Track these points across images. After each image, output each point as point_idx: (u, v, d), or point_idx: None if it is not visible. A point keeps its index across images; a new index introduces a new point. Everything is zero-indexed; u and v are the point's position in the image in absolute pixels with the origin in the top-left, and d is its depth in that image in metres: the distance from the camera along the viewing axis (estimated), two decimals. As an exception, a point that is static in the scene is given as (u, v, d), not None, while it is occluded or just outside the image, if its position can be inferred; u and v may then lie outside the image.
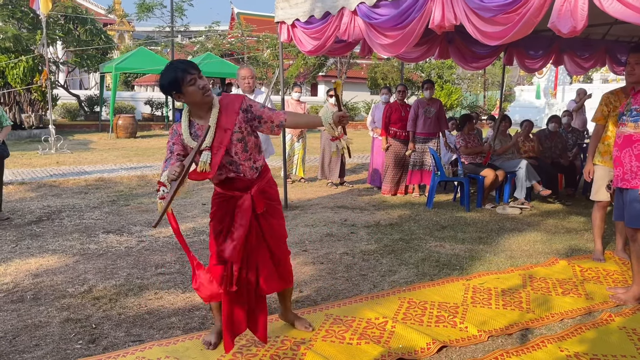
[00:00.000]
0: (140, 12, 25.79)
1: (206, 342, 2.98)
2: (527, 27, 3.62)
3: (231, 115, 2.68)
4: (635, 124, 3.61)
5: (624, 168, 3.66)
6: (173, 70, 2.57)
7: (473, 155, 7.22)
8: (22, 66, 14.34)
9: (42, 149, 11.29)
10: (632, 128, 3.63)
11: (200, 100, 2.62)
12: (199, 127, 2.69)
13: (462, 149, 7.24)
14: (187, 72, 2.55)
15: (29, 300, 3.58)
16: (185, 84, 2.56)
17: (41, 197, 6.87)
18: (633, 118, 3.63)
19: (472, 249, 5.00)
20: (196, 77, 2.57)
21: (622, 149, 3.68)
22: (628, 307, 3.66)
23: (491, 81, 29.17)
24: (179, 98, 2.63)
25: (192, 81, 2.57)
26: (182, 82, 2.56)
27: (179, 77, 2.55)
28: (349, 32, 5.25)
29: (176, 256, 4.58)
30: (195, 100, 2.62)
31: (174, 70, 2.57)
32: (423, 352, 2.93)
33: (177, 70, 2.56)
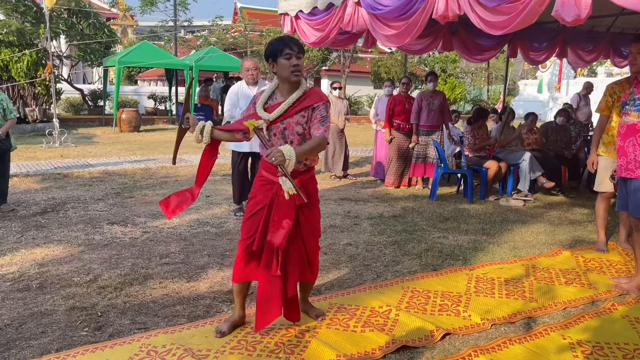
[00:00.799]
0: (143, 6, 25.78)
1: (219, 330, 2.99)
2: (531, 17, 3.62)
3: (306, 107, 2.82)
4: (639, 113, 3.60)
5: (627, 158, 3.65)
6: (278, 41, 2.81)
7: (479, 149, 7.20)
8: (26, 60, 14.36)
9: (46, 142, 11.33)
10: (635, 117, 3.62)
11: (287, 76, 2.78)
12: (276, 103, 2.85)
13: (469, 145, 7.21)
14: (287, 47, 2.75)
15: (34, 289, 3.61)
16: (281, 55, 2.76)
17: (46, 189, 6.91)
18: (636, 107, 3.62)
19: (475, 240, 5.01)
20: (293, 55, 2.75)
21: (625, 138, 3.68)
22: (631, 297, 3.66)
23: (495, 75, 29.08)
24: (273, 67, 2.80)
25: (288, 56, 2.75)
26: (280, 53, 2.76)
27: (278, 48, 2.76)
28: (353, 23, 5.25)
29: (180, 246, 4.60)
30: (283, 74, 2.78)
31: (279, 41, 2.80)
32: (427, 339, 2.95)
33: (280, 43, 2.78)
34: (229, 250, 4.54)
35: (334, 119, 7.98)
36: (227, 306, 3.39)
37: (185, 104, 2.91)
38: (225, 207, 6.09)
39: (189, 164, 9.19)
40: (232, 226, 5.31)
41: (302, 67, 2.81)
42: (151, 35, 27.96)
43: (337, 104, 8.08)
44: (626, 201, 3.75)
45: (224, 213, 5.85)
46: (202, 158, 2.94)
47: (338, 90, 8.30)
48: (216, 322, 3.12)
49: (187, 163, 9.36)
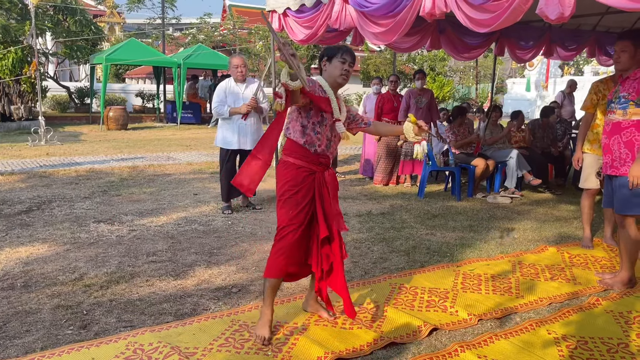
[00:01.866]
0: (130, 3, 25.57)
1: (260, 337, 2.86)
2: (516, 14, 3.64)
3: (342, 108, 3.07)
4: (624, 111, 3.64)
5: (612, 155, 3.69)
6: (340, 46, 3.00)
7: (464, 146, 7.24)
8: (11, 57, 14.18)
9: (31, 140, 11.20)
10: (620, 115, 3.66)
11: (336, 76, 2.93)
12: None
13: (452, 142, 7.26)
14: (346, 53, 2.94)
15: (19, 288, 3.57)
16: (338, 57, 2.92)
17: (31, 188, 6.83)
18: (621, 105, 3.66)
19: (462, 236, 5.04)
20: (348, 62, 2.92)
21: (610, 136, 3.72)
22: (615, 292, 3.71)
23: (483, 74, 29.24)
24: (324, 66, 2.96)
25: (343, 60, 2.92)
26: (337, 54, 2.93)
27: (337, 50, 2.95)
28: (341, 20, 5.25)
29: (167, 244, 4.58)
30: (333, 73, 2.94)
31: (341, 46, 3.00)
32: (415, 334, 2.97)
33: (342, 47, 2.98)
34: (216, 248, 4.53)
35: None
36: (214, 304, 3.38)
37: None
38: (213, 205, 6.07)
39: (176, 162, 9.14)
40: (220, 224, 5.30)
41: (350, 74, 2.98)
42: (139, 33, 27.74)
43: None
44: (611, 198, 3.79)
45: (212, 211, 5.83)
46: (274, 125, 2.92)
47: None
48: (203, 319, 3.12)
49: (174, 161, 9.31)
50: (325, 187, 2.96)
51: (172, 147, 11.46)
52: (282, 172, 2.94)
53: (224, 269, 4.02)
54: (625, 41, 3.67)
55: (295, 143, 2.91)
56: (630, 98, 3.60)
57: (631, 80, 3.65)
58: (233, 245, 4.61)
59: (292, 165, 2.91)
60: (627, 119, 3.62)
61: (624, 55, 3.68)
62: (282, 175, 2.93)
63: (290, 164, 2.92)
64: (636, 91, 3.58)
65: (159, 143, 12.26)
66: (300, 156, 2.90)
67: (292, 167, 2.91)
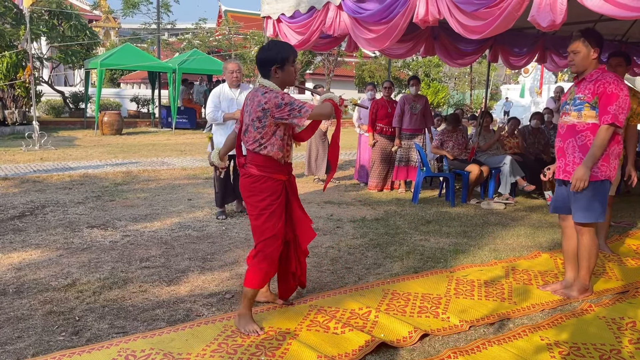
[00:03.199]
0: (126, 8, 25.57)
1: (253, 330, 3.02)
2: (508, 22, 3.67)
3: None
4: (579, 113, 3.52)
5: (566, 159, 3.59)
6: (287, 47, 2.96)
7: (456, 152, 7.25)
8: (5, 62, 14.15)
9: (25, 145, 11.16)
10: (575, 117, 3.54)
11: (291, 82, 2.99)
12: None
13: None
14: (295, 54, 2.93)
15: (11, 294, 3.55)
16: (291, 62, 2.95)
17: (24, 193, 6.80)
18: (576, 107, 3.53)
19: (456, 242, 5.05)
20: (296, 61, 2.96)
21: (565, 139, 3.60)
22: (607, 298, 3.72)
23: (478, 80, 29.43)
24: (276, 73, 2.96)
25: (294, 62, 2.95)
26: (290, 60, 2.94)
27: (290, 55, 2.94)
28: (335, 26, 5.28)
29: (161, 250, 4.57)
30: (289, 79, 2.98)
31: (288, 48, 2.96)
32: (405, 340, 2.97)
33: (290, 49, 2.95)
34: (210, 253, 4.52)
35: None
36: (207, 309, 3.37)
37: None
38: (207, 211, 6.06)
39: (170, 167, 9.13)
40: (213, 230, 5.29)
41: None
42: (134, 38, 27.74)
43: None
44: (562, 203, 3.70)
45: (206, 216, 5.82)
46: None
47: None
48: (196, 325, 3.11)
49: (169, 166, 9.29)
50: (293, 193, 3.20)
51: (167, 152, 11.45)
52: (260, 187, 3.04)
53: (217, 274, 4.01)
54: (577, 42, 3.50)
55: (271, 158, 3.03)
56: (586, 100, 3.47)
57: (587, 82, 3.50)
58: (227, 251, 4.60)
59: (269, 179, 3.04)
60: (582, 122, 3.50)
61: (577, 57, 3.52)
62: (261, 189, 3.04)
63: (267, 178, 3.04)
64: (592, 93, 3.46)
65: (153, 148, 12.24)
66: (276, 170, 3.06)
67: (270, 180, 3.05)
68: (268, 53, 2.98)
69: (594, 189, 3.50)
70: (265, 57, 2.98)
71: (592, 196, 3.50)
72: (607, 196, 3.58)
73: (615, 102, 3.38)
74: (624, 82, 3.51)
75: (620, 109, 3.38)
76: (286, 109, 2.93)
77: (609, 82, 3.42)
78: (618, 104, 3.38)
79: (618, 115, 3.38)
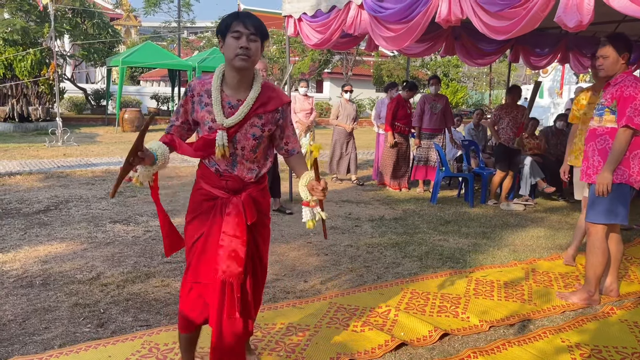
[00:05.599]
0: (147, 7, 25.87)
1: None
2: (534, 22, 3.65)
3: (269, 107, 2.26)
4: (600, 117, 3.54)
5: (588, 162, 3.61)
6: (232, 15, 2.21)
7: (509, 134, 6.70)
8: (30, 59, 14.43)
9: (49, 141, 11.37)
10: (596, 122, 3.58)
11: (230, 60, 2.16)
12: (225, 96, 2.25)
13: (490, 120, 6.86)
14: (239, 22, 2.15)
15: (38, 286, 3.64)
16: (230, 32, 2.15)
17: (49, 188, 6.94)
18: (598, 112, 3.57)
19: (475, 243, 5.04)
20: (243, 34, 2.13)
21: (587, 142, 3.65)
22: (630, 301, 3.68)
23: (497, 80, 29.12)
24: (221, 47, 2.21)
25: (237, 34, 2.14)
26: (228, 28, 2.16)
27: (229, 22, 2.17)
28: (355, 25, 5.28)
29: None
30: (228, 55, 2.17)
31: (231, 15, 2.21)
32: (425, 339, 2.98)
33: (233, 16, 2.19)
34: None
35: (342, 122, 8.05)
36: (228, 305, 3.42)
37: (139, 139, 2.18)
38: (227, 208, 6.11)
39: (190, 164, 9.23)
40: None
41: (255, 53, 2.17)
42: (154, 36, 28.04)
43: (347, 107, 8.12)
44: None
45: (226, 213, 5.87)
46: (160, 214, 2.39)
47: (349, 94, 8.29)
48: (217, 320, 3.15)
49: (189, 163, 9.39)
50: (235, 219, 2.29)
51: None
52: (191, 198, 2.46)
53: (237, 270, 4.06)
54: (607, 47, 3.50)
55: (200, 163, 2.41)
56: (607, 104, 3.50)
57: (611, 87, 3.52)
58: (247, 248, 4.64)
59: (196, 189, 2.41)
60: (602, 126, 3.52)
61: (606, 62, 3.52)
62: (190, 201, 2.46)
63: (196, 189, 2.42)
64: (612, 97, 3.47)
65: (173, 145, 12.35)
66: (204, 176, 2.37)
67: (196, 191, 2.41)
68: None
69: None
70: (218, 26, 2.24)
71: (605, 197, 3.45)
72: (623, 199, 3.49)
73: (631, 104, 3.34)
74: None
75: (636, 111, 3.34)
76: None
77: (627, 85, 3.40)
78: (634, 106, 3.34)
79: (633, 117, 3.33)
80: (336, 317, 3.23)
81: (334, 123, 8.20)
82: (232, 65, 2.19)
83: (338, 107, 8.19)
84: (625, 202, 3.51)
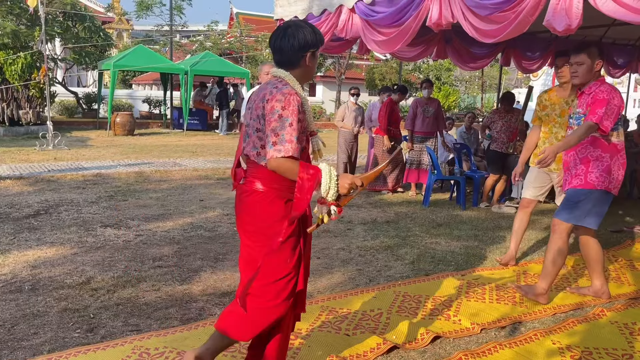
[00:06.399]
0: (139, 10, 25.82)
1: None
2: (523, 26, 3.67)
3: None
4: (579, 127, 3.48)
5: (570, 172, 3.59)
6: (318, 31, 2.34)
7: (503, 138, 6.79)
8: (20, 62, 14.32)
9: (39, 145, 11.29)
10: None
11: (312, 73, 2.38)
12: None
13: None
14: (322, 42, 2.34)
15: (27, 291, 3.61)
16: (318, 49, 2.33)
17: (39, 192, 6.89)
18: (577, 121, 3.55)
19: (467, 246, 5.05)
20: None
21: (568, 152, 3.60)
22: (620, 303, 3.70)
23: (489, 83, 29.28)
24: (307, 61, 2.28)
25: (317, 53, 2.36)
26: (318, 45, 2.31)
27: (321, 40, 2.31)
28: (347, 29, 5.30)
29: (173, 250, 4.61)
30: (311, 72, 2.35)
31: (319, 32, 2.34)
32: (417, 342, 2.98)
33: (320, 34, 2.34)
34: (222, 253, 4.55)
35: (348, 124, 8.11)
36: (219, 309, 3.40)
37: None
38: (219, 211, 6.10)
39: (182, 168, 9.19)
40: (225, 230, 5.32)
41: None
42: (146, 39, 27.96)
43: (353, 110, 8.19)
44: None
45: (217, 217, 5.86)
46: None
47: (356, 97, 8.35)
48: (209, 324, 3.14)
49: (180, 167, 9.36)
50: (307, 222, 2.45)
51: (179, 153, 11.53)
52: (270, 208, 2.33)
53: (229, 274, 4.05)
54: (581, 54, 3.45)
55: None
56: (584, 113, 3.47)
57: (586, 95, 3.49)
58: (238, 251, 4.61)
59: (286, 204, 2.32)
60: None
61: (580, 69, 3.47)
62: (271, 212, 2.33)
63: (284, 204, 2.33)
64: (587, 105, 3.44)
65: (165, 149, 12.33)
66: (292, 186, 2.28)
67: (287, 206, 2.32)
68: (303, 33, 2.25)
69: (585, 194, 3.46)
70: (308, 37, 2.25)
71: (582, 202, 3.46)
72: (599, 205, 3.48)
73: (604, 107, 3.32)
74: (617, 92, 3.43)
75: (607, 115, 3.32)
76: (272, 124, 2.15)
77: (601, 91, 3.40)
78: (606, 110, 3.32)
79: (604, 119, 3.31)
80: (328, 321, 3.22)
81: (339, 125, 8.30)
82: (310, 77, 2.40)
83: (344, 109, 8.28)
84: (601, 207, 3.48)
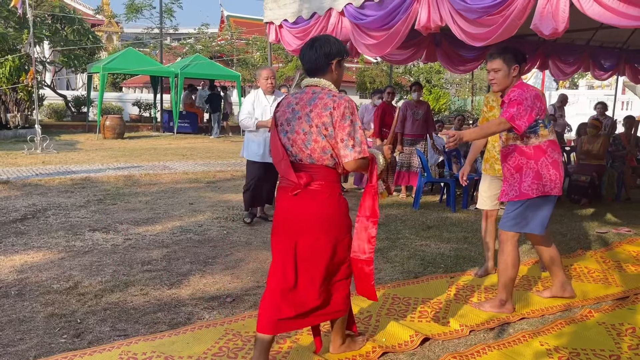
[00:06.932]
0: (128, 12, 25.67)
1: None
2: (511, 29, 3.70)
3: None
4: (507, 134, 3.39)
5: (507, 183, 3.47)
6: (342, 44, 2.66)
7: None
8: (8, 65, 14.20)
9: (27, 148, 11.20)
10: (503, 142, 3.46)
11: (340, 80, 2.65)
12: None
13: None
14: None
15: (13, 296, 3.57)
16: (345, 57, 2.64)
17: (26, 196, 6.82)
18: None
19: (457, 248, 5.07)
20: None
21: (502, 162, 3.53)
22: (607, 304, 3.73)
23: (479, 86, 29.46)
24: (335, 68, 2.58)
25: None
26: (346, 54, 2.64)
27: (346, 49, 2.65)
28: (336, 32, 5.31)
29: (162, 254, 4.58)
30: (340, 77, 2.64)
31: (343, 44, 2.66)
32: (406, 345, 2.98)
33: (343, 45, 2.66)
34: (211, 257, 4.53)
35: None
36: (208, 313, 3.38)
37: None
38: (209, 215, 6.08)
39: (172, 171, 9.15)
40: (215, 233, 5.30)
41: None
42: (136, 42, 27.83)
43: None
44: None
45: (207, 220, 5.84)
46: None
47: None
48: (197, 328, 3.12)
49: (170, 170, 9.32)
50: None
51: (168, 157, 11.47)
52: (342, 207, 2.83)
53: (218, 278, 4.03)
54: (497, 60, 3.34)
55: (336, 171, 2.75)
56: None
57: (506, 104, 3.30)
58: (228, 255, 4.62)
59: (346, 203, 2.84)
60: (506, 145, 3.41)
61: (497, 75, 3.36)
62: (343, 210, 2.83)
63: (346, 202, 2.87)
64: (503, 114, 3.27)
65: (155, 152, 12.27)
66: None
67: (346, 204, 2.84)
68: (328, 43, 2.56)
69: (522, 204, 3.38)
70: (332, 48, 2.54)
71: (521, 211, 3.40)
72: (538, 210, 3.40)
73: (515, 107, 3.20)
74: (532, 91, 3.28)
75: (519, 114, 3.19)
76: (346, 129, 2.47)
77: (512, 91, 3.28)
78: (518, 109, 3.19)
79: (516, 118, 3.18)
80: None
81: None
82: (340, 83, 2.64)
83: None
84: (542, 212, 3.40)
